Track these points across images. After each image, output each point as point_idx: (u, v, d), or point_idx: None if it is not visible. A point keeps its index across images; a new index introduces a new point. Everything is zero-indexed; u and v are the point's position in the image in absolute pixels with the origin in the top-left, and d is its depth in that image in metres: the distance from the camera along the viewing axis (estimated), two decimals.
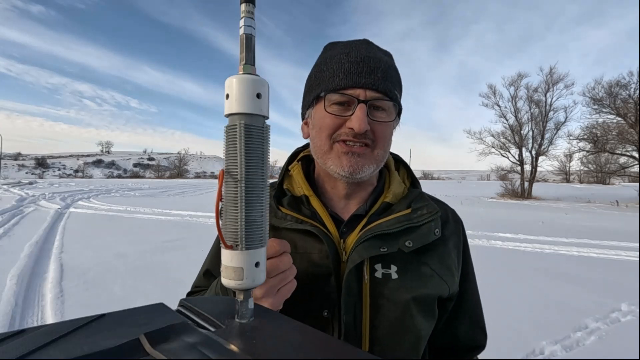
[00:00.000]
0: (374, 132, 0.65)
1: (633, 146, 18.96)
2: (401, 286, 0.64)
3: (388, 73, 0.66)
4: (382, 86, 0.64)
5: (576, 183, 52.47)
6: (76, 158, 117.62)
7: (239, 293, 0.39)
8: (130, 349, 0.29)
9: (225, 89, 0.39)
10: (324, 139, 0.66)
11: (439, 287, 0.67)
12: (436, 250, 0.69)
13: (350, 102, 0.64)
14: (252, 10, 0.38)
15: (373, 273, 0.64)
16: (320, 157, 0.69)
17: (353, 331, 0.62)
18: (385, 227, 0.65)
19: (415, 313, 0.64)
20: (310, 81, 0.71)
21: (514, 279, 4.55)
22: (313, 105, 0.69)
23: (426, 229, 0.67)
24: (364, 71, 0.63)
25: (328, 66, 0.67)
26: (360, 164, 0.65)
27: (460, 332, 0.77)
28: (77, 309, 3.32)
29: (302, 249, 0.66)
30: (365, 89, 0.63)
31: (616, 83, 18.79)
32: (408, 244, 0.64)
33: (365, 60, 0.64)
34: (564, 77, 21.92)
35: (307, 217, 0.68)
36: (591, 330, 3.08)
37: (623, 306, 3.61)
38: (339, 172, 0.66)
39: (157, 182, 36.90)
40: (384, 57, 0.68)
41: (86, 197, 15.25)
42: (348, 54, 0.66)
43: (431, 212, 0.68)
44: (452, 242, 0.73)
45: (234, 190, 0.38)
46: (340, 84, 0.64)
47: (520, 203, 18.12)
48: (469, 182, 56.70)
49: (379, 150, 0.66)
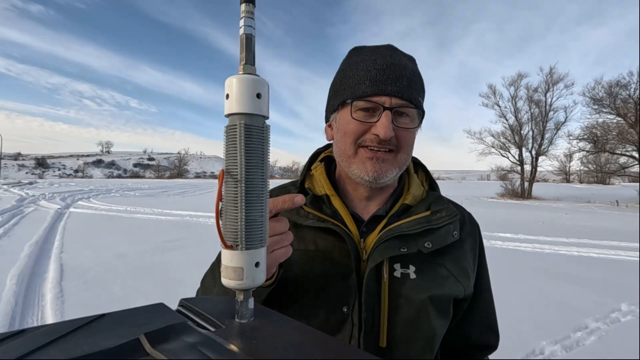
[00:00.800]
0: (398, 138, 0.66)
1: (633, 146, 18.95)
2: (419, 286, 0.66)
3: (413, 80, 0.67)
4: (407, 94, 0.65)
5: (576, 183, 52.49)
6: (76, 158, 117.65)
7: (239, 293, 0.39)
8: (130, 349, 0.29)
9: (225, 89, 0.39)
10: (349, 144, 0.68)
11: (454, 288, 0.69)
12: (453, 252, 0.70)
13: (375, 108, 0.65)
14: (252, 10, 0.38)
15: (392, 272, 0.66)
16: (344, 160, 0.70)
17: (371, 328, 0.64)
18: (406, 228, 0.67)
19: (431, 312, 0.66)
20: (336, 86, 0.72)
21: (514, 279, 4.55)
22: (338, 110, 0.71)
23: (445, 231, 0.69)
24: (390, 79, 0.65)
25: (354, 72, 0.68)
26: (384, 169, 0.66)
27: (472, 333, 0.78)
28: (77, 309, 3.32)
29: (323, 247, 0.68)
30: (390, 96, 0.64)
31: (616, 83, 18.80)
32: (427, 245, 0.66)
33: (391, 67, 0.66)
34: (564, 77, 21.95)
35: (328, 216, 0.70)
36: (591, 330, 3.08)
37: (623, 306, 3.61)
38: (362, 177, 0.68)
39: (157, 182, 36.91)
40: (408, 64, 0.69)
41: (86, 197, 15.25)
42: (374, 60, 0.67)
43: (450, 215, 0.70)
44: (468, 245, 0.75)
45: (234, 190, 0.38)
46: (367, 91, 0.65)
47: (520, 203, 18.13)
48: (469, 182, 56.71)
49: (402, 155, 0.68)
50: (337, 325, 0.64)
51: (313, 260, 0.67)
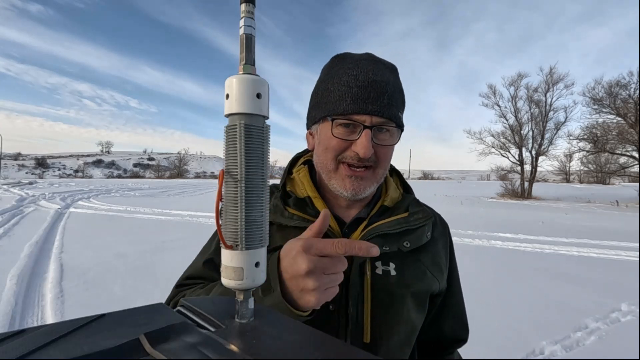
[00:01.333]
0: (377, 155, 0.68)
1: (633, 146, 18.96)
2: (400, 282, 0.70)
3: (393, 97, 0.68)
4: (387, 112, 0.67)
5: (576, 183, 52.49)
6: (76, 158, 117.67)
7: (239, 293, 0.39)
8: (130, 349, 0.29)
9: (225, 89, 0.39)
10: (330, 160, 0.70)
11: (431, 283, 0.74)
12: (428, 251, 0.75)
13: (355, 126, 0.67)
14: (252, 10, 0.38)
15: (374, 270, 0.69)
16: (324, 174, 0.73)
17: (356, 324, 0.67)
18: (386, 227, 0.71)
19: (411, 307, 0.71)
20: (318, 97, 0.73)
21: (514, 279, 4.55)
22: (320, 122, 0.72)
23: (420, 232, 0.74)
24: (371, 97, 0.66)
25: (336, 87, 0.69)
26: (362, 187, 0.69)
27: (445, 327, 0.84)
28: (77, 309, 3.33)
29: None
30: (371, 115, 0.66)
31: (616, 83, 18.81)
32: (406, 244, 0.71)
33: (372, 85, 0.66)
34: (564, 77, 21.96)
35: (312, 216, 0.72)
36: (591, 330, 3.09)
37: (623, 306, 3.61)
38: (342, 193, 0.70)
39: (157, 182, 36.92)
40: (390, 79, 0.70)
41: (86, 197, 15.25)
42: (356, 76, 0.67)
43: (425, 217, 0.75)
44: (440, 243, 0.80)
45: (234, 190, 0.38)
46: (348, 109, 0.66)
47: (520, 203, 18.13)
48: (469, 182, 56.72)
49: (380, 170, 0.71)
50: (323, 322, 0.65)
51: None
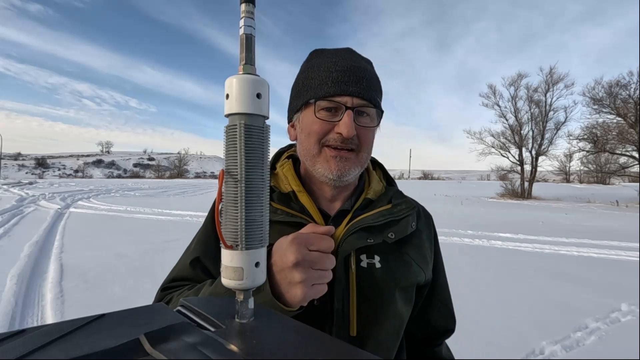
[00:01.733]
0: (359, 137, 0.70)
1: (633, 146, 18.97)
2: (385, 274, 0.70)
3: (371, 82, 0.71)
4: (367, 94, 0.69)
5: (576, 183, 52.48)
6: (76, 158, 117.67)
7: (239, 293, 0.39)
8: (130, 349, 0.29)
9: (225, 89, 0.39)
10: (313, 144, 0.70)
11: (417, 274, 0.74)
12: (413, 242, 0.76)
13: (338, 108, 0.69)
14: (252, 10, 0.38)
15: (359, 263, 0.69)
16: (309, 160, 0.73)
17: (341, 318, 0.66)
18: (370, 220, 0.71)
19: (397, 298, 0.71)
20: (298, 87, 0.76)
21: (514, 279, 4.55)
22: (301, 110, 0.74)
23: (405, 222, 0.74)
24: (351, 80, 0.68)
25: (316, 74, 0.71)
26: (347, 167, 0.70)
27: (431, 318, 0.85)
28: (77, 309, 3.32)
29: None
30: (352, 96, 0.68)
31: (616, 83, 18.81)
32: (391, 236, 0.71)
33: (352, 69, 0.69)
34: (564, 77, 21.97)
35: (296, 211, 0.72)
36: (591, 330, 3.09)
37: (623, 306, 3.61)
38: (327, 176, 0.71)
39: (157, 182, 36.92)
40: (367, 66, 0.73)
41: (86, 197, 15.25)
42: (335, 62, 0.70)
43: (409, 207, 0.76)
44: (425, 234, 0.81)
45: (234, 190, 0.38)
46: (330, 91, 0.68)
47: (520, 203, 18.13)
48: (469, 182, 56.71)
49: (363, 154, 0.72)
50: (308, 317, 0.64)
51: None
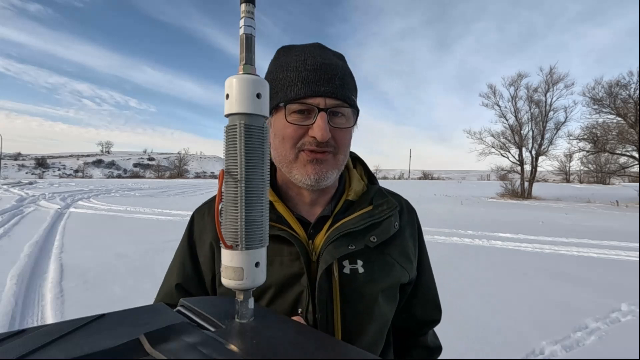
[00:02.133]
0: (336, 139, 0.66)
1: (633, 146, 18.96)
2: (368, 279, 0.68)
3: (344, 80, 0.67)
4: (341, 93, 0.65)
5: (576, 183, 52.47)
6: (76, 158, 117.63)
7: (239, 293, 0.39)
8: (130, 349, 0.29)
9: (225, 89, 0.39)
10: (288, 149, 0.67)
11: (400, 274, 0.72)
12: (396, 241, 0.73)
13: (310, 110, 0.65)
14: (252, 10, 0.38)
15: (341, 270, 0.67)
16: (285, 166, 0.69)
17: (325, 327, 0.65)
18: (351, 225, 0.68)
19: (380, 301, 0.69)
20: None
21: (514, 279, 4.54)
22: (272, 114, 0.69)
23: (387, 223, 0.71)
24: (322, 79, 0.64)
25: (285, 74, 0.67)
26: (324, 171, 0.67)
27: (417, 311, 0.83)
28: (77, 309, 3.32)
29: (271, 252, 0.66)
30: (324, 97, 0.64)
31: (616, 83, 18.80)
32: (373, 240, 0.68)
33: (322, 67, 0.65)
34: (564, 77, 21.94)
35: (273, 221, 0.68)
36: (591, 330, 3.08)
37: (623, 306, 3.61)
38: (304, 182, 0.67)
39: (157, 182, 36.91)
40: (339, 62, 0.69)
41: (86, 197, 15.25)
42: (304, 61, 0.66)
43: (391, 207, 0.73)
44: (408, 232, 0.78)
45: (234, 190, 0.38)
46: (300, 93, 0.64)
47: (520, 203, 18.12)
48: (469, 182, 56.70)
49: (340, 156, 0.69)
50: None
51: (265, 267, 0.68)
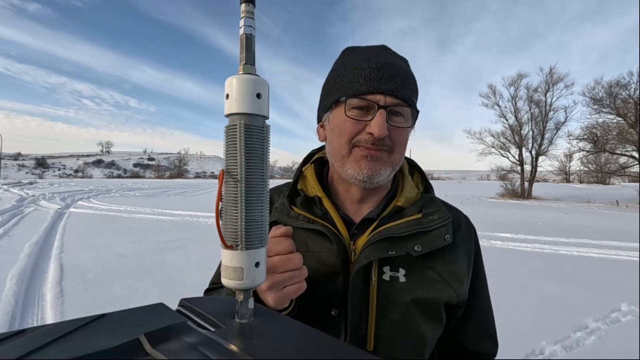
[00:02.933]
0: (392, 138, 0.66)
1: (633, 146, 18.96)
2: (407, 289, 0.65)
3: (406, 80, 0.67)
4: (401, 93, 0.65)
5: (576, 183, 52.47)
6: (76, 158, 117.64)
7: (239, 293, 0.39)
8: (130, 349, 0.29)
9: (225, 89, 0.39)
10: (343, 144, 0.67)
11: (445, 292, 0.67)
12: (445, 256, 0.69)
13: (370, 107, 0.65)
14: (252, 10, 0.38)
15: (381, 275, 0.65)
16: (338, 160, 0.69)
17: (357, 331, 0.63)
18: (395, 230, 0.66)
19: (418, 316, 0.65)
20: (329, 85, 0.72)
21: (515, 279, 4.55)
22: (332, 109, 0.70)
23: (436, 234, 0.67)
24: (384, 77, 0.64)
25: (348, 71, 0.68)
26: (377, 168, 0.66)
27: (467, 340, 0.76)
28: (77, 309, 3.32)
29: (312, 248, 0.68)
30: (385, 94, 0.64)
31: (616, 83, 18.82)
32: (417, 248, 0.65)
33: (385, 66, 0.65)
34: (564, 77, 21.97)
35: (318, 217, 0.69)
36: (591, 330, 3.09)
37: (623, 306, 3.61)
38: (356, 177, 0.67)
39: (157, 182, 36.91)
40: (402, 64, 0.69)
41: (86, 197, 15.25)
42: (368, 59, 0.66)
43: (442, 218, 0.69)
44: (462, 249, 0.73)
45: (234, 190, 0.38)
46: (361, 89, 0.64)
47: (520, 203, 18.13)
48: (469, 182, 56.71)
49: (396, 155, 0.68)
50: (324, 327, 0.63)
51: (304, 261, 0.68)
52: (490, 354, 0.79)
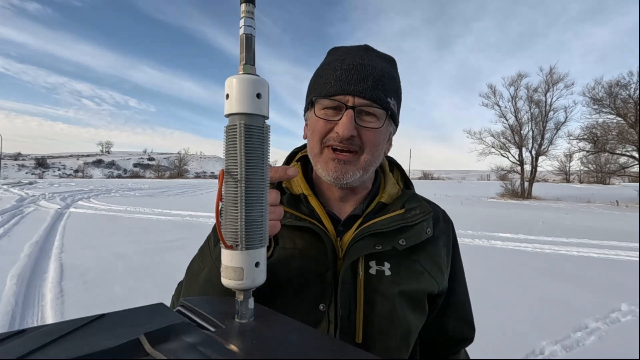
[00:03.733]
0: (362, 138, 0.67)
1: (633, 146, 18.97)
2: (393, 282, 0.68)
3: (380, 81, 0.67)
4: (371, 94, 0.66)
5: (576, 183, 52.48)
6: (76, 158, 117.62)
7: (239, 293, 0.39)
8: (130, 349, 0.29)
9: (225, 89, 0.39)
10: (315, 142, 0.69)
11: (428, 283, 0.71)
12: (427, 249, 0.72)
13: (339, 107, 0.67)
14: (252, 10, 0.38)
15: (367, 270, 0.67)
16: (312, 159, 0.73)
17: (347, 324, 0.65)
18: (380, 225, 0.68)
19: (405, 307, 0.68)
20: (309, 86, 0.75)
21: (514, 279, 4.55)
22: (309, 109, 0.73)
23: (419, 228, 0.70)
24: (354, 79, 0.66)
25: (324, 72, 0.70)
26: (344, 171, 0.68)
27: (448, 327, 0.81)
28: (77, 309, 3.32)
29: (301, 245, 0.69)
30: (354, 95, 0.66)
31: (616, 83, 18.82)
32: (402, 242, 0.68)
33: (357, 67, 0.67)
34: (564, 77, 21.97)
35: (305, 215, 0.70)
36: (591, 330, 3.08)
37: (623, 306, 3.61)
38: (325, 177, 0.70)
39: (157, 182, 36.92)
40: (380, 64, 0.70)
41: (86, 197, 15.25)
42: (343, 60, 0.69)
43: (424, 212, 0.72)
44: (442, 241, 0.76)
45: (234, 190, 0.38)
46: (331, 90, 0.67)
47: (520, 203, 18.13)
48: (469, 182, 56.70)
49: (366, 156, 0.68)
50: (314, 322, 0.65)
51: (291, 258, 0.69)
52: (469, 339, 0.84)
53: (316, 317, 0.65)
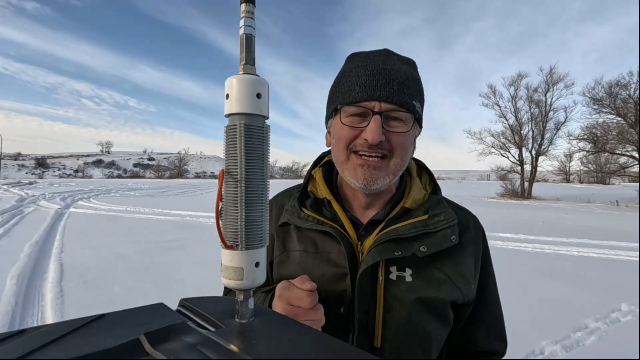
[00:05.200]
0: (390, 142, 0.67)
1: (633, 146, 18.96)
2: (413, 289, 0.67)
3: (405, 84, 0.67)
4: (397, 98, 0.65)
5: (576, 183, 52.48)
6: (76, 158, 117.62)
7: (239, 293, 0.39)
8: (130, 349, 0.29)
9: (225, 89, 0.39)
10: (341, 150, 0.69)
11: (451, 292, 0.68)
12: (452, 257, 0.70)
13: (365, 113, 0.66)
14: (252, 10, 0.38)
15: (388, 275, 0.67)
16: (339, 166, 0.73)
17: (365, 329, 0.66)
18: (401, 231, 0.67)
19: (424, 315, 0.67)
20: (331, 93, 0.75)
21: (514, 279, 4.55)
22: (333, 117, 0.73)
23: (441, 235, 0.68)
24: (380, 84, 0.65)
25: (346, 79, 0.70)
26: (374, 177, 0.67)
27: (476, 339, 0.77)
28: (77, 309, 3.33)
29: (321, 248, 0.71)
30: (380, 101, 0.65)
31: (616, 83, 18.82)
32: (422, 249, 0.66)
33: (381, 72, 0.66)
34: (564, 77, 21.96)
35: (327, 218, 0.71)
36: (591, 330, 3.09)
37: (623, 306, 3.61)
38: (354, 184, 0.69)
39: (157, 182, 36.92)
40: (402, 68, 0.69)
41: (86, 197, 15.26)
42: (365, 66, 0.68)
43: (448, 219, 0.70)
44: (469, 250, 0.73)
45: (234, 190, 0.38)
46: (356, 96, 0.66)
47: (520, 203, 18.13)
48: (469, 182, 56.71)
49: (395, 160, 0.68)
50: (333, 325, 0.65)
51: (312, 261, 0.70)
52: (498, 352, 0.79)
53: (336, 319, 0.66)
